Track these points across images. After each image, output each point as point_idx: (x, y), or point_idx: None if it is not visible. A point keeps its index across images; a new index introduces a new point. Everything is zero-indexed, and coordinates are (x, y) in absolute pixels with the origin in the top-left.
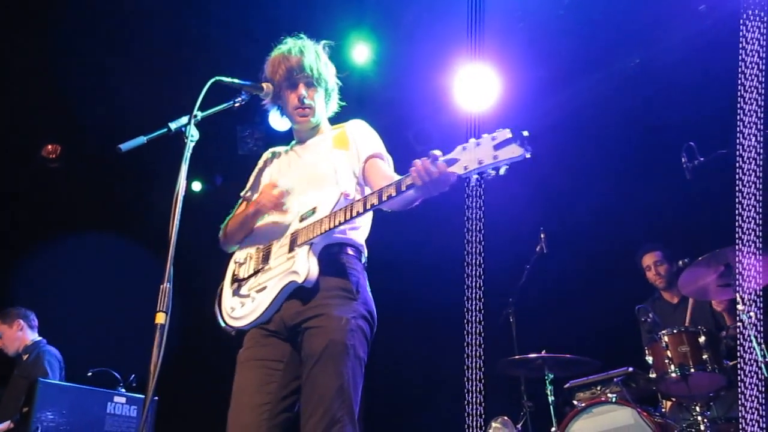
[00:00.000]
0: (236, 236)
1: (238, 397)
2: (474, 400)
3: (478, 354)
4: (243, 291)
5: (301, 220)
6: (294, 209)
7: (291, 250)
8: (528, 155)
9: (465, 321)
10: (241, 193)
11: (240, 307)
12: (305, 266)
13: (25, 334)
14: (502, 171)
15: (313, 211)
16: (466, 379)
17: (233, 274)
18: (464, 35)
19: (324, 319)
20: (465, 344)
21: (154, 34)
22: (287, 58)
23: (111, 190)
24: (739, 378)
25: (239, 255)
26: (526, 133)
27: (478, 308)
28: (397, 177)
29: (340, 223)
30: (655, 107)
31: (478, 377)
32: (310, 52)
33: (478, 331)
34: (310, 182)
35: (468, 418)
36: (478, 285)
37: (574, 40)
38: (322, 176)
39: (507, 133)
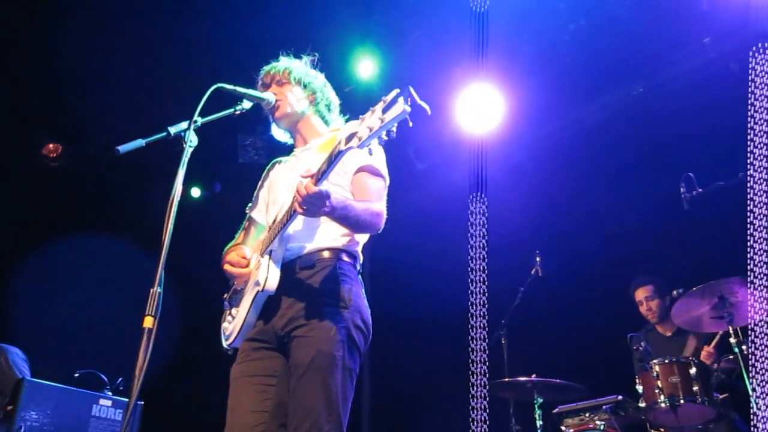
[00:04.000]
0: None
1: (233, 417)
2: (478, 421)
3: (481, 379)
4: (232, 309)
5: (269, 229)
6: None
7: (260, 260)
8: (408, 110)
9: (470, 345)
10: (246, 209)
11: (228, 325)
12: (264, 275)
13: None
14: (393, 133)
15: (275, 218)
16: (470, 403)
17: (228, 293)
18: (469, 55)
19: (313, 328)
20: (470, 365)
21: (162, 40)
22: (267, 73)
23: (106, 192)
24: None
25: None
26: (411, 89)
27: (482, 327)
28: (374, 196)
29: (280, 231)
30: (657, 136)
31: (482, 399)
32: (284, 59)
33: (482, 355)
34: (290, 190)
35: None
36: (482, 305)
37: (578, 66)
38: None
39: (395, 92)
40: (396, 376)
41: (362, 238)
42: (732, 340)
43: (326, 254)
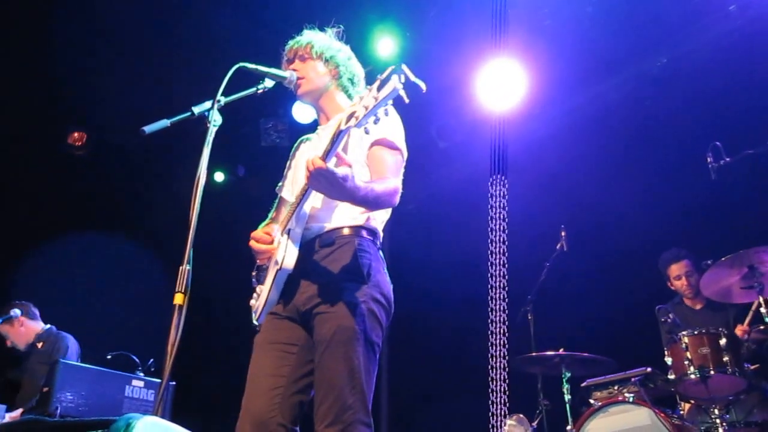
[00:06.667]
0: None
1: (252, 381)
2: (498, 396)
3: (501, 352)
4: (257, 286)
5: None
6: None
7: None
8: (401, 87)
9: (489, 319)
10: (276, 189)
11: (255, 302)
12: (282, 254)
13: (28, 327)
14: (389, 110)
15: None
16: (489, 378)
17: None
18: (489, 31)
19: (334, 304)
20: (489, 342)
21: (181, 25)
22: (291, 48)
23: (133, 179)
24: None
25: None
26: (404, 67)
27: (501, 306)
28: (389, 171)
29: (296, 209)
30: (681, 107)
31: (501, 375)
32: (307, 33)
33: (501, 329)
34: None
35: (492, 417)
36: (501, 284)
37: (601, 38)
38: None
39: (389, 70)
40: (416, 354)
41: (381, 215)
42: (763, 309)
43: (346, 231)
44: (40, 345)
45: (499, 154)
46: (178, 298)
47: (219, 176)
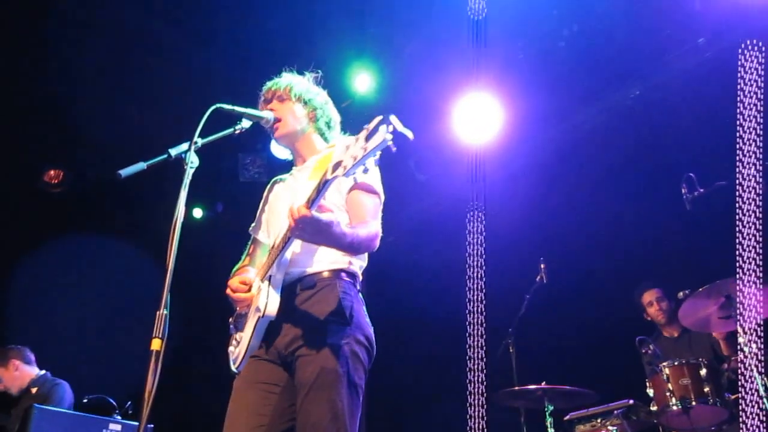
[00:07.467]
0: None
1: (233, 417)
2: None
3: (479, 386)
4: (237, 333)
5: (270, 253)
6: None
7: (260, 286)
8: (389, 138)
9: (467, 355)
10: (249, 230)
11: (234, 350)
12: (264, 301)
13: (23, 371)
14: (377, 158)
15: (275, 243)
16: (468, 415)
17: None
18: (466, 65)
19: (316, 346)
20: (467, 377)
21: (159, 63)
22: (269, 89)
23: (110, 215)
24: (740, 409)
25: None
26: (393, 117)
27: (479, 339)
28: (369, 215)
29: (278, 256)
30: (655, 138)
31: (479, 412)
32: (285, 76)
33: (479, 364)
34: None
35: None
36: (479, 317)
37: (574, 71)
38: None
39: (376, 120)
40: (393, 389)
41: (361, 258)
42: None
43: (326, 275)
44: (34, 390)
45: (476, 186)
46: (155, 344)
47: (198, 212)
